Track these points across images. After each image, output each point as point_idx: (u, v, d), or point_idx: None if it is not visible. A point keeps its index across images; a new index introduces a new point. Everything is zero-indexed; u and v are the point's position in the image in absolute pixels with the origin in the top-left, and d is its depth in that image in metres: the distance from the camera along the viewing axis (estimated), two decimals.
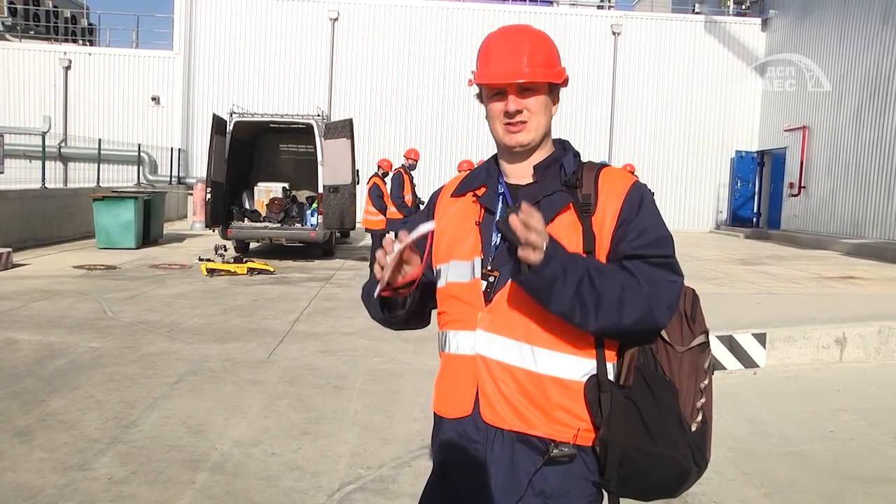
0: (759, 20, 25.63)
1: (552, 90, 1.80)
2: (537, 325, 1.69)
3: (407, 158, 12.09)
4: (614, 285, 1.62)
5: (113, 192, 15.81)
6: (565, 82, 1.81)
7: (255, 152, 16.50)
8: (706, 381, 1.74)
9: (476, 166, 2.01)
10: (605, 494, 1.78)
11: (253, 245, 15.51)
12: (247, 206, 15.47)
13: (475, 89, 1.83)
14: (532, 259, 1.56)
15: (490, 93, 1.78)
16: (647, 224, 1.71)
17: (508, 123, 1.76)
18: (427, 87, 25.19)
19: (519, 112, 1.74)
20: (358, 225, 13.83)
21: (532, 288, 1.61)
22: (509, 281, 1.71)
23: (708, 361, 1.76)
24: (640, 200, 1.73)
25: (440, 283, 1.85)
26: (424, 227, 1.70)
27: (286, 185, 15.90)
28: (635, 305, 1.62)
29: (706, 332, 1.77)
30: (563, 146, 1.86)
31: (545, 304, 1.62)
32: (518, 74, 1.72)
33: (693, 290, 1.81)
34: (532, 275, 1.58)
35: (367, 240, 13.97)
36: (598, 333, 1.67)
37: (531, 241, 1.55)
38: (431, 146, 24.76)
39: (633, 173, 13.20)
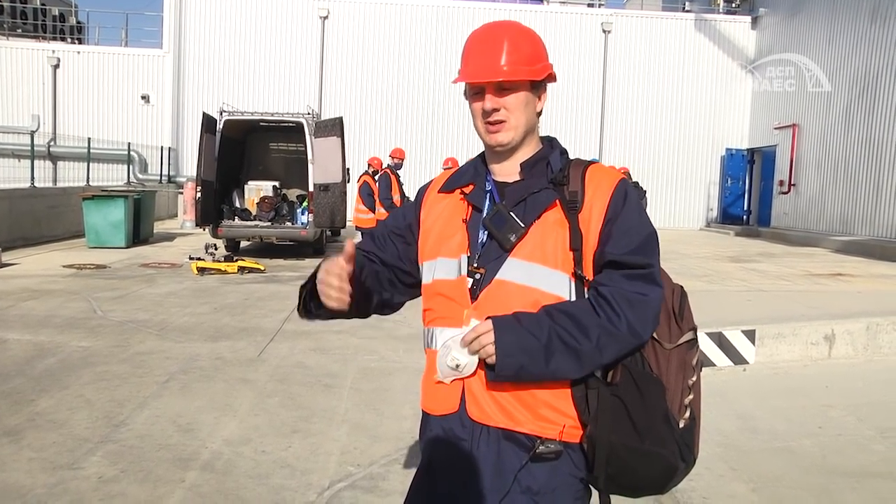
0: (748, 18, 25.72)
1: (535, 87, 1.79)
2: None
3: (392, 158, 12.07)
4: (591, 332, 1.64)
5: (103, 191, 15.74)
6: (551, 77, 1.80)
7: (245, 151, 16.45)
8: (694, 378, 1.75)
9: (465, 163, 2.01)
10: (593, 491, 1.78)
11: (243, 244, 15.46)
12: (237, 204, 15.42)
13: (462, 86, 1.83)
14: (489, 362, 1.66)
15: (471, 91, 1.77)
16: (632, 223, 1.71)
17: (488, 122, 1.76)
18: (417, 85, 25.17)
19: (496, 110, 1.74)
20: (349, 223, 13.82)
21: (508, 380, 1.67)
22: (495, 278, 1.72)
23: (696, 358, 1.77)
24: (624, 197, 1.73)
25: (426, 280, 1.85)
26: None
27: (276, 183, 15.85)
28: (614, 345, 1.65)
29: (694, 329, 1.78)
30: (550, 144, 1.85)
31: (527, 382, 1.68)
32: (494, 73, 1.72)
33: (681, 287, 1.82)
34: (499, 377, 1.66)
35: (359, 238, 13.94)
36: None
37: (482, 355, 1.67)
38: (422, 144, 24.75)
39: (627, 174, 13.09)
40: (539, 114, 1.82)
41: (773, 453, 4.53)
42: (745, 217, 25.34)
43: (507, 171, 1.82)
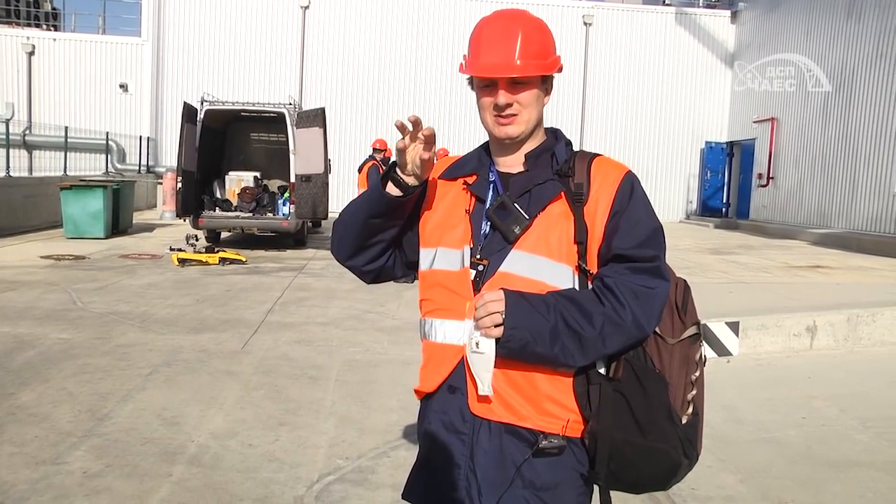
0: (728, 12, 25.88)
1: (545, 80, 1.77)
2: None
3: (380, 150, 12.01)
4: (594, 320, 1.62)
5: (81, 180, 15.52)
6: (560, 70, 1.78)
7: (226, 141, 16.30)
8: (697, 373, 1.74)
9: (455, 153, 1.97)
10: (596, 487, 1.77)
11: (224, 235, 15.33)
12: (218, 195, 15.28)
13: (465, 75, 1.79)
14: (494, 334, 1.62)
15: (480, 83, 1.74)
16: (639, 216, 1.70)
17: (498, 115, 1.73)
18: (400, 76, 25.03)
19: (509, 105, 1.71)
20: (331, 214, 13.74)
21: (511, 355, 1.64)
22: (499, 270, 1.70)
23: (699, 353, 1.76)
24: (631, 190, 1.72)
25: (424, 267, 1.82)
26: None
27: (258, 174, 15.73)
28: (617, 335, 1.63)
29: (697, 324, 1.76)
30: (554, 135, 1.83)
31: (528, 362, 1.66)
32: (509, 69, 1.68)
33: (684, 280, 1.81)
34: (503, 348, 1.63)
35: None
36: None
37: (484, 327, 1.62)
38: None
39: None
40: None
41: (759, 444, 4.57)
42: (724, 209, 25.52)
43: (511, 162, 1.80)
